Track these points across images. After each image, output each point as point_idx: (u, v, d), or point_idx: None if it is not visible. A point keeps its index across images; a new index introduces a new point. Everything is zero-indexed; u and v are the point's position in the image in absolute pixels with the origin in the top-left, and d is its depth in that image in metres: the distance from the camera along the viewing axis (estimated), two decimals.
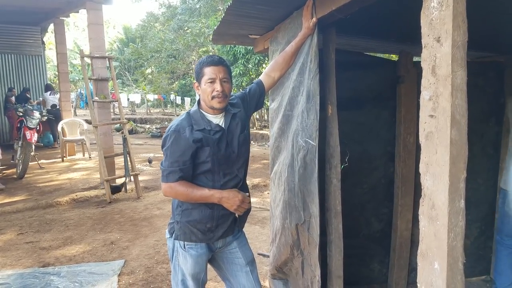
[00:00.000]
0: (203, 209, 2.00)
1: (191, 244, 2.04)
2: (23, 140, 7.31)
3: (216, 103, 1.95)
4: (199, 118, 1.99)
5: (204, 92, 1.96)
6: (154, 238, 4.59)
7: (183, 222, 2.03)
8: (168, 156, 1.94)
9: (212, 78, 1.93)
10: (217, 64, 1.96)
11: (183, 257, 2.06)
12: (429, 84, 1.16)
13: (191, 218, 2.01)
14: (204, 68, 1.95)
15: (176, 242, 2.07)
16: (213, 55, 2.07)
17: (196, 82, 2.02)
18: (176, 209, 2.07)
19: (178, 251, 2.07)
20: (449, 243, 1.12)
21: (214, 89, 1.93)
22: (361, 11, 1.92)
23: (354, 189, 3.10)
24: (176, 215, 2.06)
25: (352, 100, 2.91)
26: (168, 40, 21.35)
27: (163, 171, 1.96)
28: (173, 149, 1.92)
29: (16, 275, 3.64)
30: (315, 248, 2.18)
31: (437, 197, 1.15)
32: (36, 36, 11.93)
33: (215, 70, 1.94)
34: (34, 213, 5.57)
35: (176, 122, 1.97)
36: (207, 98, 1.96)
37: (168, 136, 1.95)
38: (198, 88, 2.01)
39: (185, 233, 2.03)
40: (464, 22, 1.06)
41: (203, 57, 2.01)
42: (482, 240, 3.39)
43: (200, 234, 2.02)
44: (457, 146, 1.09)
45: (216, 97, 1.94)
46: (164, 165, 1.96)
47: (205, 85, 1.95)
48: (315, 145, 2.12)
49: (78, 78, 29.05)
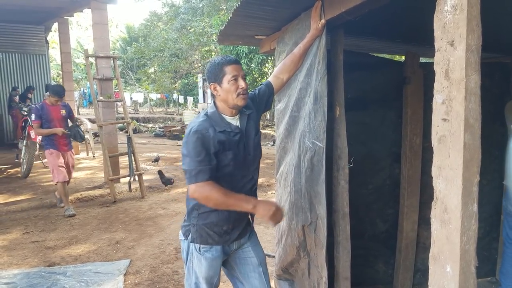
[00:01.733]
0: (220, 212, 1.97)
1: (206, 247, 2.02)
2: (28, 139, 7.33)
3: (241, 100, 1.94)
4: (219, 119, 1.96)
5: (228, 91, 1.92)
6: (159, 237, 4.60)
7: (199, 225, 2.00)
8: (193, 156, 1.85)
9: (235, 75, 1.92)
10: (237, 63, 1.97)
11: (198, 260, 2.04)
12: (442, 87, 1.16)
13: (208, 221, 1.99)
14: (224, 67, 1.93)
15: (191, 244, 2.05)
16: (226, 55, 2.06)
17: (213, 83, 1.97)
18: (191, 212, 2.03)
19: (193, 253, 2.05)
20: (462, 247, 1.12)
21: (239, 86, 1.92)
22: (368, 12, 1.92)
23: (360, 190, 3.09)
24: (192, 218, 2.02)
25: (358, 100, 2.91)
26: (171, 39, 21.35)
27: (189, 171, 1.86)
28: (199, 149, 1.84)
29: (22, 275, 3.65)
30: (322, 249, 2.19)
31: (449, 201, 1.15)
32: (40, 35, 11.96)
33: (236, 68, 1.94)
34: (39, 212, 5.60)
35: (196, 123, 1.91)
36: (231, 97, 1.93)
37: (190, 136, 1.87)
38: (216, 89, 1.97)
39: (201, 236, 2.01)
40: (478, 26, 1.06)
41: (217, 58, 1.98)
42: (487, 241, 3.38)
43: (216, 236, 2.01)
44: (471, 150, 1.09)
45: (242, 94, 1.93)
46: (190, 165, 1.85)
47: (228, 84, 1.92)
48: (323, 146, 2.12)
49: (81, 77, 29.11)
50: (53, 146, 5.40)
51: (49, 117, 5.39)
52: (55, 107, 5.46)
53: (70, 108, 5.82)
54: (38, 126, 5.39)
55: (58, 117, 5.48)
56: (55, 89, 5.45)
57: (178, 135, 14.79)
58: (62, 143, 5.48)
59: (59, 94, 5.41)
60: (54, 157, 5.36)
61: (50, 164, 5.45)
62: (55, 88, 5.49)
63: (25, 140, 7.46)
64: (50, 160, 5.42)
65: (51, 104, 5.45)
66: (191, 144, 1.86)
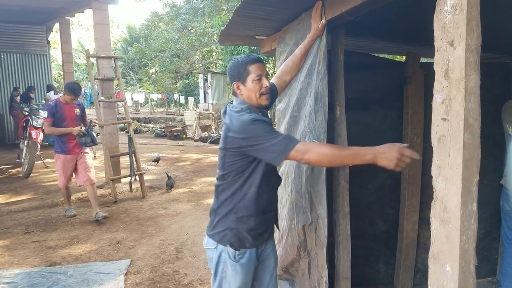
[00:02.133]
0: (258, 216, 1.96)
1: (241, 253, 1.96)
2: (29, 139, 7.34)
3: (264, 100, 1.94)
4: (255, 112, 1.95)
5: (252, 90, 1.91)
6: (160, 237, 4.60)
7: (237, 228, 1.95)
8: (270, 134, 1.75)
9: (260, 74, 1.91)
10: (261, 62, 1.96)
11: (233, 269, 1.97)
12: (442, 87, 1.16)
13: (247, 225, 1.95)
14: (249, 67, 1.91)
15: (223, 253, 1.97)
16: (250, 54, 2.04)
17: (237, 82, 1.95)
18: (228, 216, 1.96)
19: (226, 262, 1.98)
20: (461, 246, 1.12)
21: (262, 85, 1.91)
22: (369, 12, 1.92)
23: (360, 190, 3.10)
24: (229, 222, 1.95)
25: (358, 101, 2.91)
26: (172, 39, 21.40)
27: (280, 143, 1.72)
28: (269, 128, 1.78)
29: (23, 274, 3.66)
30: (322, 249, 2.19)
31: (449, 200, 1.16)
32: (41, 36, 11.98)
33: (260, 67, 1.93)
34: (40, 212, 5.60)
35: (246, 115, 1.83)
36: (254, 96, 1.92)
37: (252, 125, 1.78)
38: (240, 88, 1.95)
39: (239, 239, 1.95)
40: (478, 26, 1.07)
41: (240, 57, 1.96)
42: (487, 242, 3.38)
43: (252, 239, 1.97)
44: (470, 149, 1.10)
45: (265, 94, 1.93)
46: (278, 137, 1.74)
47: (252, 83, 1.91)
48: None
49: (82, 78, 29.14)
50: (62, 150, 5.09)
51: (62, 116, 5.05)
52: (69, 106, 5.12)
53: (83, 108, 5.49)
54: (50, 124, 5.05)
55: (72, 117, 5.14)
56: (70, 86, 5.10)
57: (179, 135, 14.80)
58: (74, 144, 5.13)
59: (75, 92, 5.06)
60: (61, 163, 5.12)
61: (58, 168, 5.24)
62: (70, 85, 5.13)
63: (26, 140, 7.47)
64: (57, 164, 5.21)
65: (66, 102, 5.10)
66: (260, 127, 1.77)
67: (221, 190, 2.00)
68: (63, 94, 5.15)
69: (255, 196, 1.92)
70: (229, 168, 1.93)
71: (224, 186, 1.99)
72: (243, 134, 1.80)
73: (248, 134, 1.79)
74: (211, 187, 6.98)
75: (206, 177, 7.77)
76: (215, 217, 2.03)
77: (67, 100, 5.09)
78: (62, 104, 5.09)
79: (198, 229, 4.88)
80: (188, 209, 5.73)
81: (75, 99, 5.13)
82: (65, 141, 5.07)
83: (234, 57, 2.08)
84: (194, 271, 3.73)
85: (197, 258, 4.02)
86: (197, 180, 7.55)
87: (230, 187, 1.96)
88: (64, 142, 5.08)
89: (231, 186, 1.95)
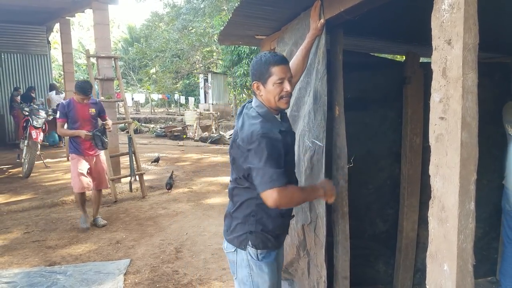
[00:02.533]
0: (276, 219, 1.92)
1: (263, 252, 1.92)
2: (29, 139, 7.34)
3: (284, 104, 1.85)
4: (273, 119, 1.87)
5: (271, 93, 1.82)
6: (160, 237, 4.60)
7: (258, 231, 1.90)
8: (268, 160, 1.69)
9: (282, 78, 1.81)
10: (285, 63, 1.84)
11: (259, 269, 1.92)
12: (440, 86, 1.16)
13: (266, 228, 1.91)
14: (271, 68, 1.80)
15: (247, 254, 1.92)
16: (276, 53, 1.91)
17: (257, 82, 1.86)
18: (247, 219, 1.91)
19: (250, 265, 1.92)
20: (459, 245, 1.12)
21: (283, 89, 1.81)
22: (368, 12, 1.92)
23: (360, 190, 3.10)
24: (249, 225, 1.90)
25: (358, 100, 2.91)
26: (173, 40, 21.41)
27: (269, 176, 1.69)
28: (271, 152, 1.71)
29: (23, 274, 3.66)
30: (322, 248, 2.19)
31: (447, 199, 1.15)
32: (42, 36, 11.98)
33: (284, 70, 1.82)
34: (40, 212, 5.60)
35: (257, 125, 1.76)
36: (273, 99, 1.83)
37: (258, 140, 1.71)
38: (259, 89, 1.86)
39: (262, 241, 1.91)
40: (475, 25, 1.06)
41: (264, 56, 1.85)
42: (486, 241, 3.38)
43: (274, 240, 1.94)
44: (468, 148, 1.10)
45: (285, 97, 1.83)
46: (269, 171, 1.69)
47: (273, 86, 1.81)
48: (322, 145, 2.13)
49: (82, 78, 29.17)
50: (76, 150, 4.75)
51: (75, 116, 4.72)
52: (83, 106, 4.75)
53: (101, 106, 5.10)
54: (62, 125, 4.76)
55: (86, 117, 4.78)
56: (80, 85, 4.74)
57: (179, 136, 14.80)
58: (87, 146, 4.78)
59: (84, 91, 4.68)
60: (75, 163, 4.73)
61: (71, 170, 4.84)
62: (80, 84, 4.76)
63: (26, 140, 7.48)
64: (71, 166, 4.81)
65: (79, 102, 4.75)
66: (262, 148, 1.71)
67: (236, 193, 1.95)
68: (74, 93, 4.83)
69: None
70: (240, 172, 1.88)
71: (238, 189, 1.93)
72: (247, 144, 1.75)
73: (251, 146, 1.74)
74: (211, 187, 6.99)
75: (206, 177, 7.77)
76: (232, 220, 1.98)
77: (79, 100, 4.75)
78: (75, 103, 4.76)
79: (198, 229, 4.88)
80: (188, 209, 5.73)
81: (86, 98, 4.74)
82: (78, 142, 4.76)
83: (258, 54, 1.96)
84: (193, 271, 3.73)
85: (196, 258, 4.02)
86: (197, 180, 7.55)
87: (245, 190, 1.90)
88: (78, 143, 4.76)
89: (247, 190, 1.89)
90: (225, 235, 2.02)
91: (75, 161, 4.73)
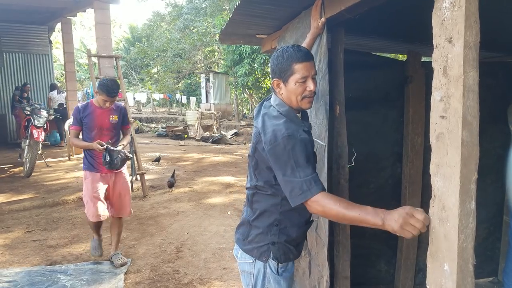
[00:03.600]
0: (302, 227, 1.82)
1: (283, 265, 1.80)
2: (31, 138, 7.35)
3: (306, 104, 1.70)
4: (295, 117, 1.73)
5: (293, 92, 1.67)
6: (160, 237, 4.60)
7: (281, 242, 1.77)
8: (296, 166, 1.53)
9: (305, 76, 1.64)
10: (309, 59, 1.67)
11: (276, 283, 1.79)
12: (440, 84, 1.15)
13: (290, 237, 1.78)
14: (294, 65, 1.64)
15: (266, 267, 1.78)
16: (300, 47, 1.71)
17: (277, 79, 1.71)
18: (270, 229, 1.77)
19: (268, 277, 1.79)
20: (459, 245, 1.11)
21: (306, 88, 1.66)
22: (369, 10, 1.92)
23: (361, 190, 3.09)
24: (272, 236, 1.76)
25: (359, 100, 2.90)
26: (174, 39, 21.45)
27: (299, 185, 1.51)
28: (300, 154, 1.54)
29: (23, 273, 3.66)
30: (323, 248, 2.18)
31: (447, 199, 1.15)
32: (43, 35, 12.02)
33: (308, 67, 1.65)
34: (41, 211, 5.61)
35: (282, 126, 1.60)
36: (295, 99, 1.68)
37: (283, 144, 1.55)
38: (280, 87, 1.71)
39: (285, 253, 1.78)
40: (476, 23, 1.06)
41: (286, 50, 1.68)
42: (490, 241, 3.37)
43: (295, 250, 1.84)
44: (469, 147, 1.09)
45: (308, 97, 1.68)
46: (301, 175, 1.51)
47: (295, 85, 1.65)
48: (324, 145, 2.12)
49: (84, 77, 29.22)
50: (90, 166, 3.75)
51: (91, 124, 3.70)
52: (103, 111, 3.73)
53: (126, 113, 4.04)
54: (75, 134, 3.77)
55: (104, 125, 3.74)
56: (104, 84, 3.61)
57: (180, 135, 14.82)
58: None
59: (110, 92, 3.59)
60: (88, 183, 3.74)
61: (83, 191, 3.85)
62: (104, 83, 3.63)
63: (28, 139, 7.49)
64: (84, 186, 3.81)
65: (99, 105, 3.72)
66: (288, 151, 1.54)
67: (256, 199, 1.81)
68: (95, 93, 3.86)
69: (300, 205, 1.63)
70: (260, 178, 1.75)
71: (260, 196, 1.79)
72: (270, 145, 1.58)
73: (275, 150, 1.57)
74: (212, 186, 6.99)
75: (207, 177, 7.76)
76: (250, 229, 1.83)
77: (100, 103, 3.71)
78: (94, 107, 3.73)
79: (199, 228, 4.87)
80: (189, 209, 5.73)
81: (109, 101, 3.69)
82: (93, 155, 3.75)
83: (279, 47, 1.81)
84: (194, 271, 3.73)
85: (197, 258, 4.01)
86: (198, 179, 7.55)
87: (267, 198, 1.76)
88: (92, 156, 3.76)
89: (269, 197, 1.76)
90: (240, 244, 1.86)
91: (89, 180, 3.74)
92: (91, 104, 3.75)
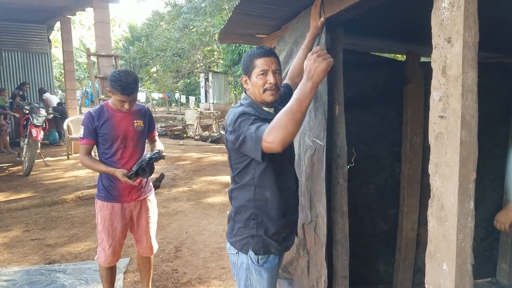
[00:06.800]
0: (280, 219, 1.88)
1: (264, 257, 1.88)
2: (29, 137, 7.35)
3: (268, 96, 1.82)
4: (258, 108, 1.85)
5: (255, 85, 1.82)
6: (159, 236, 4.59)
7: (260, 235, 1.86)
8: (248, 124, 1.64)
9: (264, 69, 1.79)
10: (269, 55, 1.82)
11: (258, 274, 1.88)
12: (439, 84, 1.16)
13: (269, 231, 1.86)
14: (255, 60, 1.81)
15: (247, 258, 1.88)
16: (262, 46, 1.89)
17: (244, 76, 1.88)
18: (248, 222, 1.87)
19: (250, 268, 1.89)
20: (458, 244, 1.11)
21: (267, 81, 1.80)
22: (368, 10, 1.92)
23: (360, 190, 3.09)
24: (250, 229, 1.87)
25: (358, 100, 2.91)
26: (174, 39, 21.42)
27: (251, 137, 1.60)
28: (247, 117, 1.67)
29: (22, 272, 3.66)
30: (322, 247, 2.18)
31: (446, 198, 1.15)
32: (43, 34, 12.01)
33: (267, 62, 1.80)
34: (40, 210, 5.61)
35: (239, 109, 1.75)
36: (258, 92, 1.82)
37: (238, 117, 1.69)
38: (247, 82, 1.87)
39: (264, 246, 1.87)
40: (475, 23, 1.06)
41: (251, 50, 1.85)
42: (489, 242, 3.37)
43: (277, 244, 1.89)
44: (467, 147, 1.09)
45: (269, 90, 1.81)
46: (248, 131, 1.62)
47: (256, 78, 1.81)
48: (323, 144, 2.12)
49: (83, 76, 29.20)
50: (108, 195, 2.82)
51: (113, 134, 2.74)
52: (124, 116, 2.79)
53: (151, 116, 3.04)
54: (86, 150, 2.77)
55: (129, 134, 2.80)
56: (116, 78, 2.62)
57: (179, 135, 14.80)
58: (128, 186, 2.82)
59: (124, 89, 2.62)
60: (103, 217, 2.84)
61: (98, 225, 2.89)
62: (116, 76, 2.62)
63: (26, 138, 7.49)
64: (97, 220, 2.89)
65: (116, 108, 2.77)
66: (240, 120, 1.68)
67: (234, 196, 1.94)
68: (107, 92, 2.82)
69: (272, 199, 1.85)
70: (235, 169, 1.88)
71: (236, 191, 1.92)
72: (231, 126, 1.73)
73: (234, 126, 1.70)
74: (211, 186, 6.99)
75: (206, 176, 7.76)
76: (234, 223, 1.95)
77: (117, 105, 2.75)
78: (112, 111, 2.78)
79: (198, 228, 4.87)
80: (187, 208, 5.73)
81: (127, 101, 2.70)
82: (112, 178, 2.80)
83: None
84: (193, 270, 3.73)
85: (196, 257, 4.02)
86: (197, 179, 7.55)
87: (243, 192, 1.88)
88: (111, 180, 2.82)
89: (244, 191, 1.87)
90: (228, 237, 1.99)
91: (105, 214, 2.84)
92: (107, 108, 2.78)
